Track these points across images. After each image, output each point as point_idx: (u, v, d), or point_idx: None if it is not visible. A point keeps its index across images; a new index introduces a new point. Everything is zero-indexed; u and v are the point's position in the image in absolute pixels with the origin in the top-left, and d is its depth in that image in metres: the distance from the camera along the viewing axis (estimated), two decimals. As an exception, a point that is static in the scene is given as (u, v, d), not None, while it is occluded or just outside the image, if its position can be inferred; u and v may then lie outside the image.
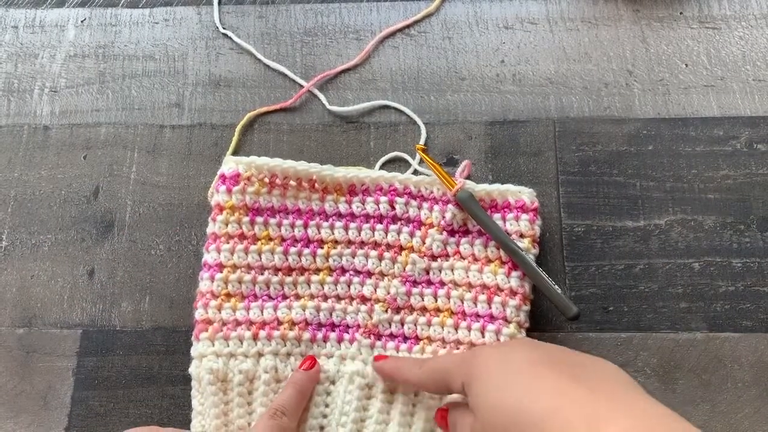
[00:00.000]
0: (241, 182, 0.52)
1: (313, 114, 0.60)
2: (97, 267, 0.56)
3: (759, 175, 0.56)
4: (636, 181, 0.56)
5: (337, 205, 0.53)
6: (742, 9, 0.61)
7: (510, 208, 0.52)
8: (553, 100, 0.59)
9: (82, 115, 0.61)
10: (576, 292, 0.53)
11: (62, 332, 0.54)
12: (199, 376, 0.49)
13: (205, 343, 0.50)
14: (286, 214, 0.53)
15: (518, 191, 0.52)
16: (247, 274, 0.51)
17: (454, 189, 0.52)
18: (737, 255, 0.54)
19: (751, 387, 0.51)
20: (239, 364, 0.49)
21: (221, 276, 0.51)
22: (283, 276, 0.52)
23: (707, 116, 0.58)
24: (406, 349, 0.50)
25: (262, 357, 0.50)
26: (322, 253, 0.52)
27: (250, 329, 0.50)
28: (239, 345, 0.50)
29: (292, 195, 0.53)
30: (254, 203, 0.52)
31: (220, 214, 0.52)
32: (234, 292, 0.51)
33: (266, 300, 0.51)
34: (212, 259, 0.51)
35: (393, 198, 0.53)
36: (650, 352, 0.52)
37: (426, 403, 0.49)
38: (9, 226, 0.57)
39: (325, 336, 0.51)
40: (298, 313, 0.51)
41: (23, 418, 0.52)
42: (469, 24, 0.62)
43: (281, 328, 0.51)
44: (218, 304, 0.51)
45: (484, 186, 0.53)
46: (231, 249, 0.51)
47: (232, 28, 0.63)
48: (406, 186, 0.54)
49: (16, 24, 0.65)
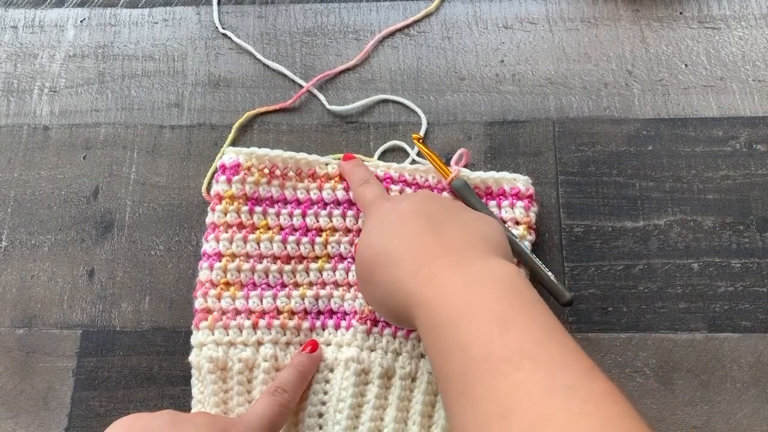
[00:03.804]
0: (241, 172, 0.52)
1: (313, 114, 0.60)
2: (97, 267, 0.56)
3: (758, 176, 0.56)
4: (635, 181, 0.56)
5: (335, 193, 0.54)
6: (742, 9, 0.61)
7: (505, 195, 0.53)
8: (552, 101, 0.59)
9: (81, 115, 0.61)
10: (575, 292, 0.53)
11: (62, 333, 0.54)
12: (199, 364, 0.49)
13: (204, 332, 0.50)
14: (284, 203, 0.53)
15: (513, 178, 0.53)
16: (245, 263, 0.52)
17: (449, 177, 0.52)
18: (736, 255, 0.54)
19: (750, 387, 0.51)
20: (239, 352, 0.49)
21: (220, 265, 0.51)
22: (282, 264, 0.52)
23: (707, 116, 0.58)
24: (402, 335, 0.51)
25: (261, 345, 0.50)
26: (320, 240, 0.53)
27: (250, 318, 0.51)
28: (239, 334, 0.50)
29: (291, 185, 0.54)
30: (254, 193, 0.53)
31: (219, 203, 0.52)
32: (233, 280, 0.51)
33: (265, 288, 0.51)
34: (211, 249, 0.52)
35: (388, 186, 0.54)
36: (649, 353, 0.52)
37: (423, 388, 0.49)
38: (9, 227, 0.57)
39: (323, 323, 0.51)
40: (298, 302, 0.51)
41: (23, 418, 0.52)
42: (469, 24, 0.62)
43: (281, 317, 0.51)
44: (217, 293, 0.51)
45: (479, 173, 0.53)
46: (230, 238, 0.52)
47: (232, 28, 0.63)
48: (402, 174, 0.54)
49: (15, 24, 0.65)
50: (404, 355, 0.50)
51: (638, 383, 0.51)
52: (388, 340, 0.51)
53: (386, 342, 0.51)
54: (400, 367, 0.50)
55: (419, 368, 0.50)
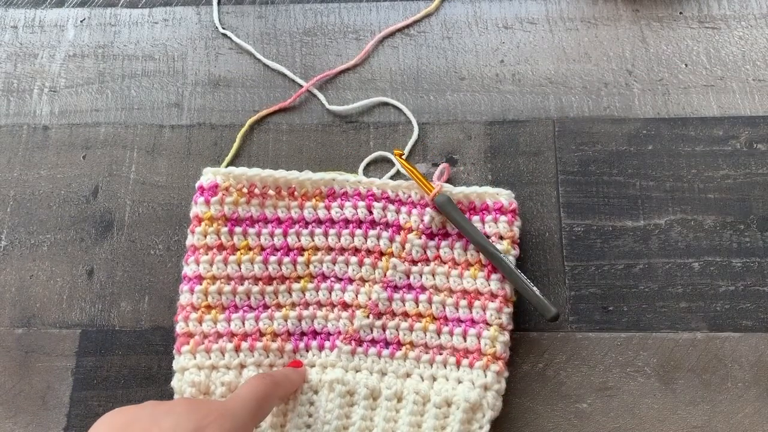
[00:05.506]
0: (220, 193, 0.52)
1: (313, 114, 0.60)
2: (96, 267, 0.56)
3: (759, 175, 0.56)
4: (636, 180, 0.56)
5: (316, 212, 0.53)
6: (742, 9, 0.61)
7: (488, 210, 0.52)
8: (552, 100, 0.59)
9: (81, 115, 0.61)
10: (576, 291, 0.53)
11: (61, 332, 0.54)
12: (181, 389, 0.49)
13: (186, 356, 0.49)
14: (265, 223, 0.52)
15: (496, 193, 0.52)
16: (226, 285, 0.51)
17: (432, 193, 0.51)
18: (737, 255, 0.54)
19: (752, 387, 0.50)
20: (221, 376, 0.49)
21: (201, 288, 0.51)
22: (264, 285, 0.51)
23: (707, 116, 0.58)
24: (388, 355, 0.50)
25: (244, 369, 0.50)
26: (302, 260, 0.52)
27: (232, 341, 0.50)
28: (221, 357, 0.50)
29: (271, 204, 0.53)
30: (233, 213, 0.52)
31: (198, 225, 0.51)
32: (214, 303, 0.51)
33: (247, 311, 0.51)
34: (191, 272, 0.51)
35: (371, 203, 0.53)
36: (650, 352, 0.52)
37: (410, 409, 0.48)
38: (8, 226, 0.57)
39: (307, 345, 0.51)
40: (280, 324, 0.51)
41: (22, 418, 0.52)
42: (469, 24, 0.62)
43: (263, 340, 0.50)
44: (199, 316, 0.50)
45: (461, 189, 0.52)
46: (210, 260, 0.51)
47: (232, 28, 0.63)
48: (384, 191, 0.53)
49: (15, 24, 0.65)
50: (390, 375, 0.50)
51: (639, 383, 0.51)
52: (373, 360, 0.50)
53: (371, 362, 0.50)
54: (386, 387, 0.49)
55: (405, 388, 0.49)
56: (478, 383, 0.48)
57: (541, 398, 0.51)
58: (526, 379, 0.51)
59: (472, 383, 0.48)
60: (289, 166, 0.57)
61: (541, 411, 0.51)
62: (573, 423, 0.50)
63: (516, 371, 0.51)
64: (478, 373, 0.49)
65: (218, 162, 0.58)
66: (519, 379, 0.51)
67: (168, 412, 0.39)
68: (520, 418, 0.51)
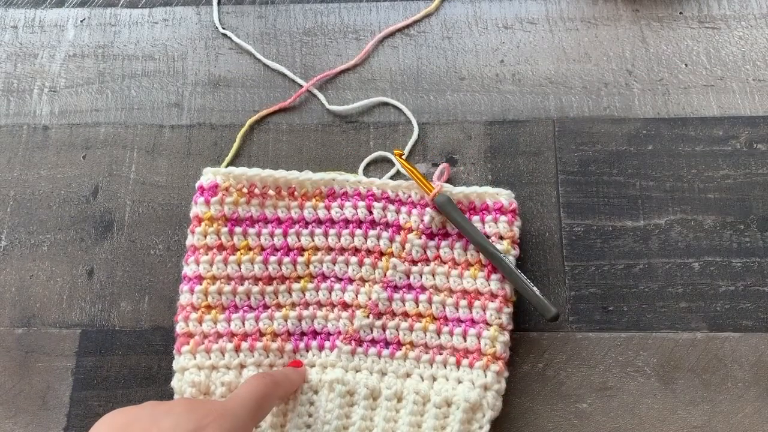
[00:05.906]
0: (220, 193, 0.52)
1: (313, 114, 0.60)
2: (96, 267, 0.56)
3: (759, 175, 0.56)
4: (636, 180, 0.56)
5: (316, 212, 0.53)
6: (742, 9, 0.61)
7: (488, 210, 0.52)
8: (552, 100, 0.59)
9: (81, 115, 0.61)
10: (576, 291, 0.53)
11: (61, 332, 0.54)
12: (182, 389, 0.49)
13: (186, 356, 0.49)
14: (265, 223, 0.52)
15: (496, 193, 0.52)
16: (226, 285, 0.51)
17: (432, 193, 0.51)
18: (737, 255, 0.54)
19: (752, 387, 0.50)
20: (221, 376, 0.49)
21: (201, 288, 0.51)
22: (264, 285, 0.51)
23: (707, 116, 0.58)
24: (388, 355, 0.50)
25: (244, 369, 0.50)
26: (302, 260, 0.52)
27: (232, 341, 0.50)
28: (221, 357, 0.50)
29: (270, 204, 0.53)
30: (233, 213, 0.52)
31: (198, 225, 0.52)
32: (214, 303, 0.51)
33: (247, 311, 0.51)
34: (191, 272, 0.51)
35: (371, 203, 0.53)
36: (650, 352, 0.52)
37: (410, 409, 0.48)
38: (8, 226, 0.57)
39: (307, 345, 0.51)
40: (280, 324, 0.51)
41: (22, 418, 0.52)
42: (469, 24, 0.62)
43: (263, 340, 0.50)
44: (198, 316, 0.50)
45: (461, 189, 0.52)
46: (210, 260, 0.51)
47: (232, 28, 0.63)
48: (384, 191, 0.53)
49: (15, 24, 0.65)
50: (390, 375, 0.50)
51: (639, 383, 0.51)
52: (373, 360, 0.50)
53: (371, 362, 0.50)
54: (386, 387, 0.49)
55: (405, 388, 0.49)
56: (478, 383, 0.48)
57: (541, 398, 0.51)
58: (526, 379, 0.51)
59: (472, 383, 0.48)
60: (289, 166, 0.57)
61: (541, 411, 0.51)
62: (573, 423, 0.50)
63: (516, 371, 0.51)
64: (478, 373, 0.49)
65: (218, 162, 0.58)
66: (519, 379, 0.51)
67: (168, 412, 0.39)
68: (520, 418, 0.51)
